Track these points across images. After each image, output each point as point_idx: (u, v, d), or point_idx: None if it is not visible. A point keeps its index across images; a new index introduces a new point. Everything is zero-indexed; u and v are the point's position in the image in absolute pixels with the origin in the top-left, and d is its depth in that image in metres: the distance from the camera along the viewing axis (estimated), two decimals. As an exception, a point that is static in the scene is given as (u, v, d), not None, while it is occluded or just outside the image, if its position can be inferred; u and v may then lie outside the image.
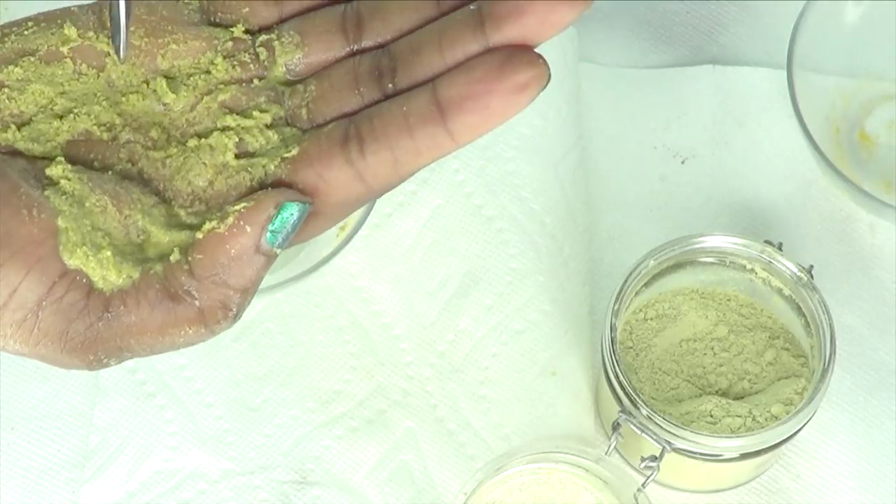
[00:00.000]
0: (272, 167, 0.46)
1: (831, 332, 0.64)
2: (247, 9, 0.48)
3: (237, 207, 0.44)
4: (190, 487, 0.68)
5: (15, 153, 0.46)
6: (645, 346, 0.67)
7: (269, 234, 0.44)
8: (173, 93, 0.47)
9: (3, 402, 0.70)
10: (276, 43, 0.48)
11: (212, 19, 0.48)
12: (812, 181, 0.75)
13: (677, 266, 0.66)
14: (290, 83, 0.48)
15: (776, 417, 0.64)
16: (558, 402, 0.69)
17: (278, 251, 0.45)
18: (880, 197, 0.70)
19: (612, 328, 0.64)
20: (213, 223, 0.44)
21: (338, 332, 0.71)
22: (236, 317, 0.45)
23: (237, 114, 0.47)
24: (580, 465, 0.65)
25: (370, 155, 0.44)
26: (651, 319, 0.67)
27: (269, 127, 0.47)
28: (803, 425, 0.63)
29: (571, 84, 0.76)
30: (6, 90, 0.46)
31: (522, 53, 0.43)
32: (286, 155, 0.46)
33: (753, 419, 0.64)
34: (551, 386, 0.70)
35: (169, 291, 0.44)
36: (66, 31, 0.47)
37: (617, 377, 0.63)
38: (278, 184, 0.45)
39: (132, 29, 0.47)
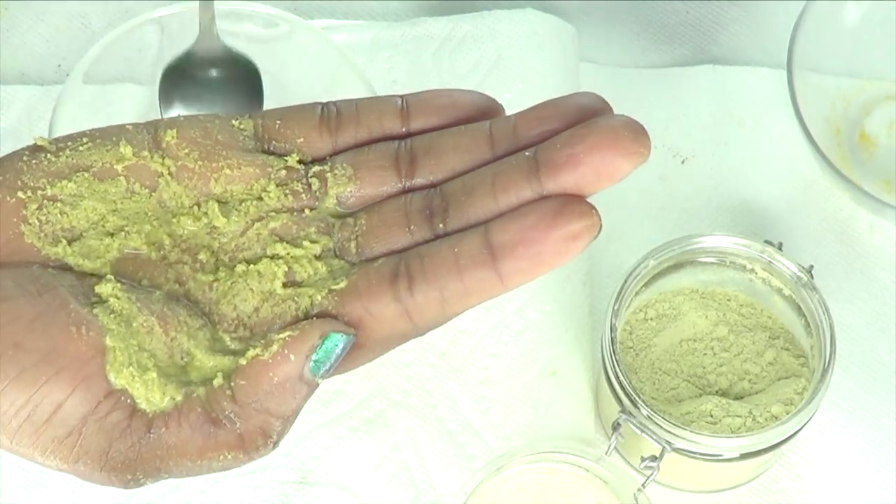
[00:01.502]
0: (319, 298, 0.45)
1: (831, 332, 0.64)
2: (301, 139, 0.48)
3: (282, 336, 0.44)
4: (190, 487, 0.68)
5: (64, 268, 0.46)
6: (645, 346, 0.67)
7: (312, 364, 0.44)
8: (224, 217, 0.47)
9: (3, 402, 0.70)
10: (329, 175, 0.47)
11: (266, 147, 0.48)
12: (812, 181, 0.75)
13: (677, 266, 0.66)
14: (340, 215, 0.47)
15: (776, 417, 0.64)
16: (558, 402, 0.69)
17: (320, 381, 0.45)
18: (880, 197, 0.70)
19: (612, 328, 0.64)
20: (258, 350, 0.44)
21: (338, 332, 0.71)
22: (275, 444, 0.45)
23: (287, 242, 0.47)
24: (580, 465, 0.65)
25: (419, 294, 0.44)
26: (651, 319, 0.67)
27: (317, 258, 0.47)
28: (803, 425, 0.63)
29: (571, 84, 0.76)
30: (59, 205, 0.46)
31: (576, 204, 0.44)
32: (334, 287, 0.45)
33: (753, 419, 0.64)
34: (551, 386, 0.70)
35: (210, 416, 0.44)
36: (121, 150, 0.47)
37: (617, 377, 0.63)
38: (323, 315, 0.45)
39: (186, 151, 0.47)
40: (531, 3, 0.78)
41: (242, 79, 0.72)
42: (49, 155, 0.47)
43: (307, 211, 0.47)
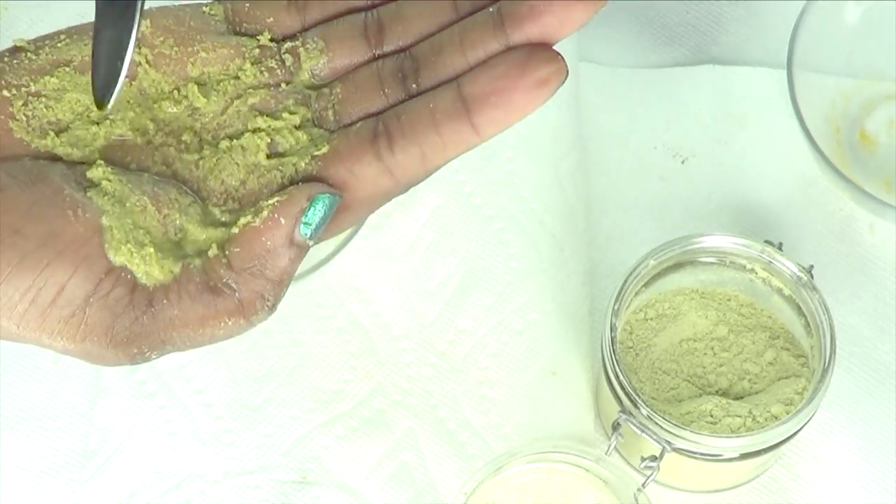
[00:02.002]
0: (303, 165, 0.47)
1: (831, 332, 0.64)
2: (271, 18, 0.50)
3: (271, 202, 0.46)
4: (190, 487, 0.68)
5: (54, 158, 0.47)
6: (645, 346, 0.67)
7: (302, 226, 0.46)
8: (204, 97, 0.49)
9: (3, 402, 0.70)
10: (301, 49, 0.49)
11: (237, 29, 0.50)
12: (812, 181, 0.75)
13: (677, 266, 0.66)
14: (315, 87, 0.49)
15: (776, 417, 0.64)
16: (558, 402, 0.69)
17: (311, 243, 0.46)
18: (880, 197, 0.70)
19: (612, 328, 0.64)
20: (249, 217, 0.46)
21: (338, 332, 0.71)
22: (273, 307, 0.47)
23: (267, 115, 0.49)
24: (580, 465, 0.65)
25: (399, 150, 0.46)
26: (651, 319, 0.67)
27: (297, 128, 0.48)
28: (803, 425, 0.63)
29: (571, 84, 0.76)
30: (43, 99, 0.48)
31: (542, 51, 0.45)
32: (317, 153, 0.47)
33: (753, 419, 0.64)
34: (551, 386, 0.70)
35: (208, 285, 0.46)
36: None
37: (617, 377, 0.63)
38: (309, 179, 0.47)
39: (161, 39, 0.49)
40: (531, 3, 0.78)
41: None
42: (29, 54, 0.48)
43: (283, 85, 0.49)
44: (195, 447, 0.69)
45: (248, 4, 0.50)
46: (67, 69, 0.48)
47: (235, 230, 0.46)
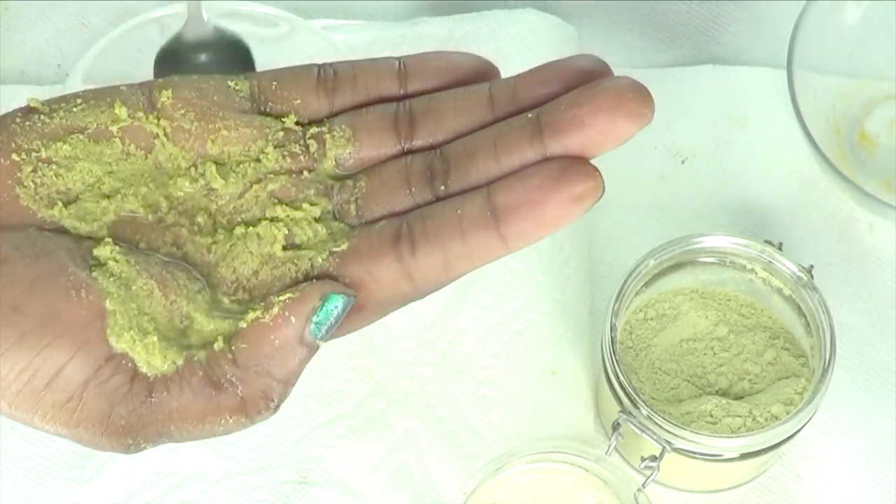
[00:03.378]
0: (319, 260, 0.45)
1: (831, 332, 0.64)
2: (298, 100, 0.47)
3: (282, 298, 0.44)
4: (190, 487, 0.68)
5: (61, 231, 0.45)
6: (645, 346, 0.67)
7: (312, 326, 0.44)
8: (222, 178, 0.47)
9: (3, 402, 0.70)
10: (328, 136, 0.47)
11: (262, 109, 0.48)
12: (812, 181, 0.75)
13: (677, 266, 0.66)
14: (339, 177, 0.47)
15: (776, 417, 0.64)
16: (558, 402, 0.69)
17: (321, 343, 0.45)
18: (880, 197, 0.70)
19: (612, 328, 0.64)
20: (258, 313, 0.44)
21: (338, 332, 0.71)
22: (277, 407, 0.45)
23: (286, 205, 0.46)
24: (580, 465, 0.65)
25: (421, 256, 0.44)
26: (651, 319, 0.67)
27: (317, 220, 0.46)
28: (803, 425, 0.63)
29: (571, 84, 0.76)
30: (54, 167, 0.46)
31: (580, 165, 0.43)
32: (335, 249, 0.45)
33: (753, 419, 0.64)
34: (551, 386, 0.70)
35: (211, 379, 0.44)
36: (116, 111, 0.46)
37: (617, 377, 0.63)
38: (324, 276, 0.45)
39: (182, 112, 0.47)
40: (531, 3, 0.78)
41: (235, 60, 0.71)
42: (42, 116, 0.46)
43: (306, 173, 0.47)
44: (195, 447, 0.68)
45: (275, 83, 0.48)
46: (81, 136, 0.46)
47: (243, 325, 0.44)
